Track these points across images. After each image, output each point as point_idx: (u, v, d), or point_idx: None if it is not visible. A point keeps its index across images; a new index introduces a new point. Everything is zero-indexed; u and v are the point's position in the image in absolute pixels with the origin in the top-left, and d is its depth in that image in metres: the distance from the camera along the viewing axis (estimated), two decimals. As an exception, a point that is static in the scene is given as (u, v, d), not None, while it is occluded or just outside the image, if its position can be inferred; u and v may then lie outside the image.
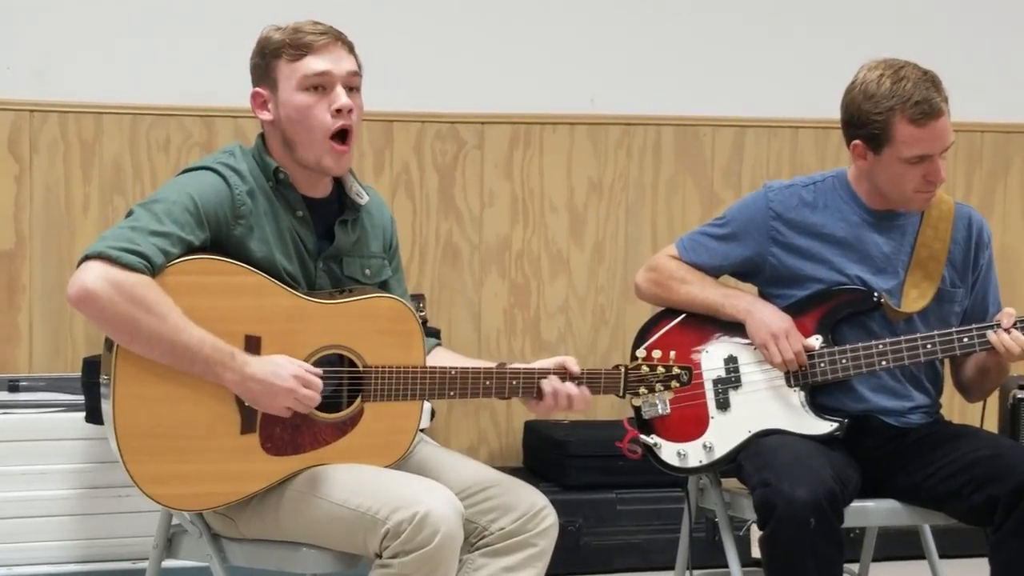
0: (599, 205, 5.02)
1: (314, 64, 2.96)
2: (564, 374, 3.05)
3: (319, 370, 2.91)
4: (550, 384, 3.03)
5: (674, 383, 3.13)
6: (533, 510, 2.98)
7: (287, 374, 2.86)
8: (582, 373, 3.06)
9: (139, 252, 2.79)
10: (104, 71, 4.61)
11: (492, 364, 3.07)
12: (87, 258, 2.80)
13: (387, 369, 2.96)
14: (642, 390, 3.12)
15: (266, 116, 3.01)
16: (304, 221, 3.02)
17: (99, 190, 4.62)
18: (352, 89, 3.01)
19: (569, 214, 5.00)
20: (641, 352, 3.17)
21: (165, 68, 4.64)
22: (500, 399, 3.13)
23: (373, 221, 3.16)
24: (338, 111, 2.97)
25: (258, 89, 3.02)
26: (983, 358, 3.42)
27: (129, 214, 2.89)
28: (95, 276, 2.77)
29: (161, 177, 4.56)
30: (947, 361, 3.52)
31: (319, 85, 2.97)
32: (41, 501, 4.17)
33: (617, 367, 3.11)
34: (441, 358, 3.15)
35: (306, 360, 2.92)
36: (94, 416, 4.02)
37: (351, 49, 3.03)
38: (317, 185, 3.06)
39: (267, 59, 3.00)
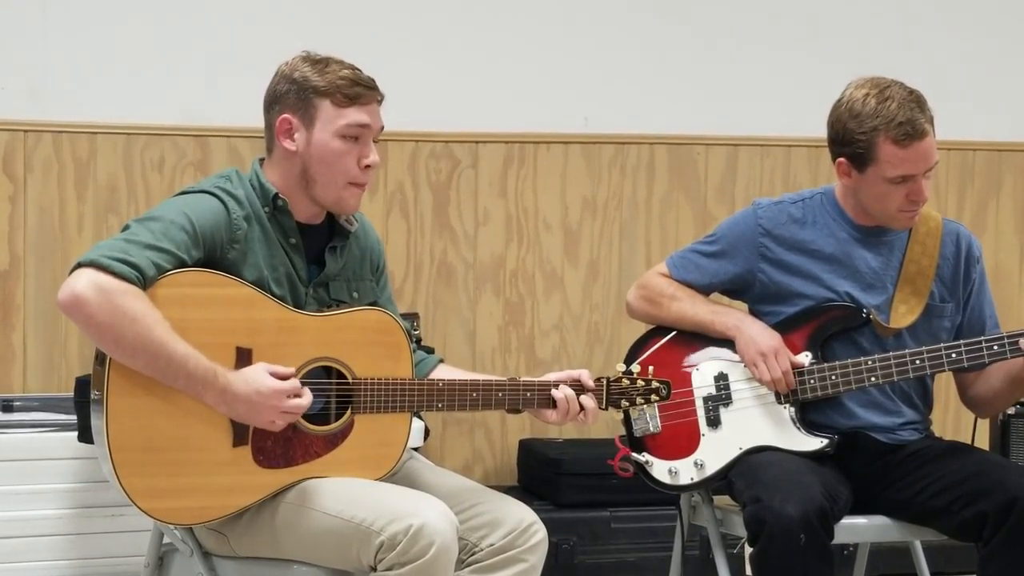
0: (593, 223, 5.03)
1: (358, 116, 3.00)
2: (579, 386, 3.09)
3: (296, 376, 2.91)
4: (562, 392, 3.06)
5: (653, 397, 3.16)
6: (522, 526, 2.98)
7: (268, 391, 2.87)
8: (597, 386, 3.11)
9: (131, 263, 2.81)
10: (98, 91, 4.61)
11: (496, 378, 3.09)
12: (80, 265, 2.81)
13: (376, 381, 2.98)
14: (623, 403, 3.14)
15: (289, 145, 3.01)
16: (297, 248, 3.04)
17: (93, 210, 4.62)
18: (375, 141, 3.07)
19: (563, 232, 5.01)
20: (621, 366, 3.18)
21: (159, 88, 4.65)
22: (511, 412, 3.13)
23: (361, 244, 3.18)
24: (367, 166, 3.02)
25: (288, 116, 3.01)
26: (1017, 368, 3.38)
27: (125, 228, 2.90)
28: (85, 282, 2.78)
29: (155, 197, 4.57)
30: (953, 376, 3.52)
31: (356, 135, 3.01)
32: (34, 521, 4.17)
33: (599, 380, 3.13)
34: (444, 375, 3.16)
35: (296, 373, 2.93)
36: (87, 435, 4.02)
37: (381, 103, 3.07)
38: (316, 214, 3.08)
39: (307, 93, 2.99)
